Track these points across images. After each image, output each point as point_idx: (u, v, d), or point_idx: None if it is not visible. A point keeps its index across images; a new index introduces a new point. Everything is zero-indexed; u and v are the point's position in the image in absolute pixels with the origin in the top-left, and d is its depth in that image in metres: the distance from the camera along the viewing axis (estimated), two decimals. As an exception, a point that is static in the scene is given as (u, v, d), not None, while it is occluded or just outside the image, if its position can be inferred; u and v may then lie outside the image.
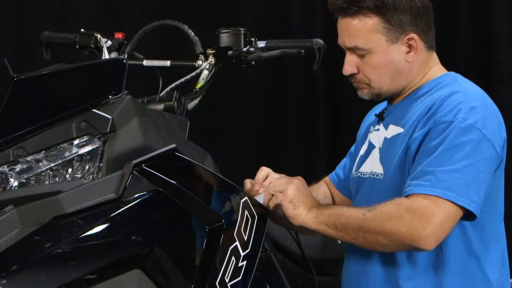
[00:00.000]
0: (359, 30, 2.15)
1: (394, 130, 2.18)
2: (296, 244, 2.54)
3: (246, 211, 2.11)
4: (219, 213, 2.06)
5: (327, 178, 2.51)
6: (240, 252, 2.07)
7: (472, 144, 2.04)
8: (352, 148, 2.43)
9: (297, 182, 2.17)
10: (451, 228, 2.03)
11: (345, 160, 2.47)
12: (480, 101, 2.11)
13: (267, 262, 2.37)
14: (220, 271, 2.02)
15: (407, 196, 2.04)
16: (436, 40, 2.24)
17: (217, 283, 2.01)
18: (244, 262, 2.07)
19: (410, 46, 2.17)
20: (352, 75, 2.21)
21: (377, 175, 2.20)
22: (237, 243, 2.06)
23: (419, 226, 1.99)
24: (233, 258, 2.05)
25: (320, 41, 2.55)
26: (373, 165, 2.22)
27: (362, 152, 2.28)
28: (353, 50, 2.18)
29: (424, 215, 1.99)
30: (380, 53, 2.16)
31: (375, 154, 2.22)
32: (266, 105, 4.22)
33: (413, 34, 2.15)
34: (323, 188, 2.49)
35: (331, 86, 4.05)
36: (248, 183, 2.24)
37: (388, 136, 2.19)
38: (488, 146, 2.06)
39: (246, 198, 2.12)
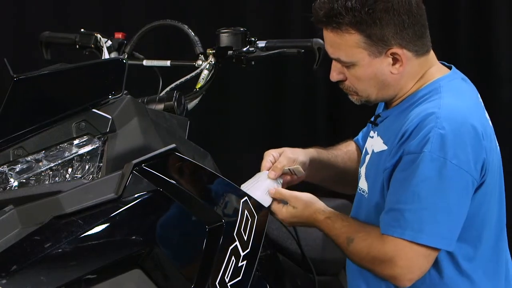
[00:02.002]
0: (340, 44, 2.08)
1: (380, 145, 2.14)
2: (296, 244, 2.54)
3: (246, 211, 2.11)
4: (219, 213, 2.06)
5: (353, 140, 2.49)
6: (240, 252, 2.07)
7: (440, 177, 1.98)
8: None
9: (293, 212, 2.18)
10: (425, 266, 2.03)
11: (365, 129, 2.44)
12: (453, 124, 2.00)
13: (267, 262, 2.37)
14: (220, 271, 2.02)
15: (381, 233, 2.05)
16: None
17: (217, 283, 2.01)
18: (244, 262, 2.07)
19: (395, 59, 2.08)
20: (340, 81, 2.17)
21: (363, 191, 2.19)
22: (237, 243, 2.06)
23: (388, 269, 2.03)
24: (233, 258, 2.05)
25: (320, 40, 2.54)
26: (361, 179, 2.21)
27: (363, 150, 2.28)
28: (337, 60, 2.14)
29: (392, 259, 2.01)
30: (364, 66, 2.09)
31: (365, 165, 2.21)
32: (266, 105, 4.21)
33: (396, 48, 2.06)
34: (351, 147, 2.46)
35: (332, 86, 4.05)
36: (269, 162, 2.25)
37: (376, 150, 2.16)
38: (461, 174, 1.99)
39: (246, 198, 2.12)
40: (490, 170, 2.06)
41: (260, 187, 2.20)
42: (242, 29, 2.60)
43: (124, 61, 2.21)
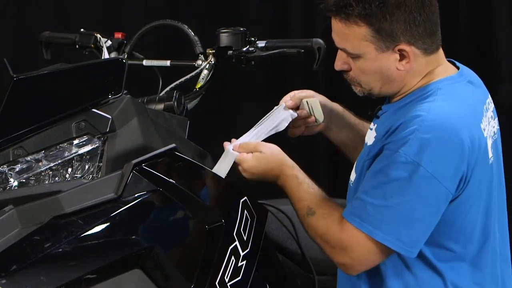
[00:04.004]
0: (347, 35, 2.05)
1: (372, 139, 2.11)
2: (296, 244, 2.55)
3: (245, 211, 2.11)
4: (219, 213, 2.06)
5: None
6: (240, 252, 2.07)
7: (410, 181, 1.94)
8: None
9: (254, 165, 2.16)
10: (376, 262, 2.03)
11: None
12: (437, 131, 1.95)
13: (267, 262, 2.37)
14: (220, 271, 2.02)
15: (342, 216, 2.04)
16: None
17: (217, 283, 2.01)
18: (244, 262, 2.07)
19: (402, 55, 2.03)
20: (344, 71, 2.13)
21: (351, 182, 2.16)
22: (236, 242, 2.06)
23: (338, 256, 2.04)
24: (232, 258, 2.05)
25: (320, 40, 2.54)
26: (353, 170, 2.18)
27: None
28: (343, 50, 2.10)
29: (346, 248, 2.01)
30: (369, 60, 2.05)
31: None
32: (266, 105, 4.21)
33: (404, 45, 2.01)
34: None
35: (332, 86, 4.05)
36: (288, 96, 2.33)
37: (369, 143, 2.13)
38: (432, 183, 1.95)
39: (245, 198, 2.12)
40: (471, 183, 2.01)
41: (276, 116, 2.28)
42: (242, 29, 2.59)
43: (124, 61, 2.21)
